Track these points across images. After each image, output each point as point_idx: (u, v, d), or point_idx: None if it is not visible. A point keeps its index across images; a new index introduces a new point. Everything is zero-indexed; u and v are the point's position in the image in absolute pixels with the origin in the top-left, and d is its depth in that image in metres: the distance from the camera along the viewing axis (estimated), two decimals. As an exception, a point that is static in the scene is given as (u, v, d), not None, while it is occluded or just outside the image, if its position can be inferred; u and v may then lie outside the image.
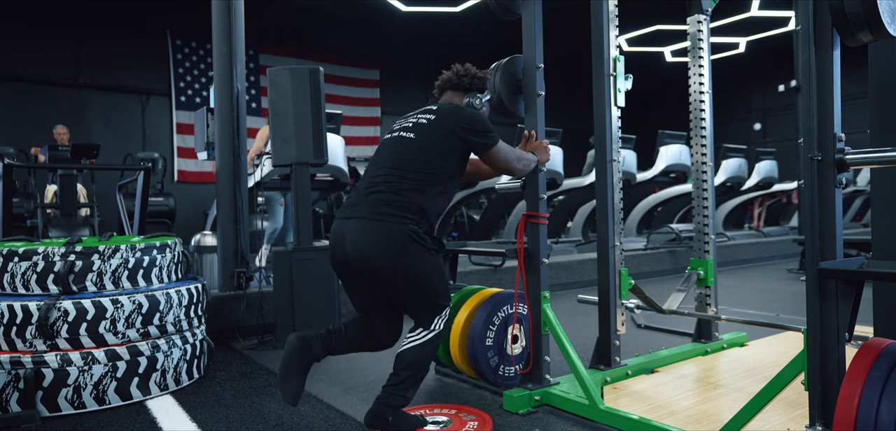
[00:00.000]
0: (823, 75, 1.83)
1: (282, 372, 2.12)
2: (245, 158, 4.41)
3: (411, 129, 2.32)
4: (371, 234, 2.13)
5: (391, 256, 2.13)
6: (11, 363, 2.54)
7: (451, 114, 2.33)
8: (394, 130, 2.39)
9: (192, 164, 10.92)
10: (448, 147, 2.28)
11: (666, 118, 13.52)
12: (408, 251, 2.13)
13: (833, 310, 1.78)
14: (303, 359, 2.14)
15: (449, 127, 2.29)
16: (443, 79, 2.53)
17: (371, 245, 2.13)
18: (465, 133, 2.29)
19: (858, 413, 1.61)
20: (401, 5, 9.91)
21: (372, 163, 2.35)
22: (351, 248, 2.16)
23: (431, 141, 2.27)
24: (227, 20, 4.31)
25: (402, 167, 2.23)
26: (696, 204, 3.26)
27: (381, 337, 2.35)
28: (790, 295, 5.39)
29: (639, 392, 2.64)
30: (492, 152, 2.36)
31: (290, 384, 2.11)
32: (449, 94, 2.52)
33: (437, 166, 2.25)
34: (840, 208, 1.85)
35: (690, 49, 3.22)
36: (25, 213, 6.92)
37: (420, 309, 2.23)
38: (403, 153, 2.27)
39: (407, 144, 2.28)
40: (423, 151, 2.25)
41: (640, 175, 7.61)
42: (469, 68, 2.52)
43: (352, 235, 2.16)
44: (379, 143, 2.38)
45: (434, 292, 2.22)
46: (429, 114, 2.34)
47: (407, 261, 2.14)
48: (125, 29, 10.45)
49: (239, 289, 4.17)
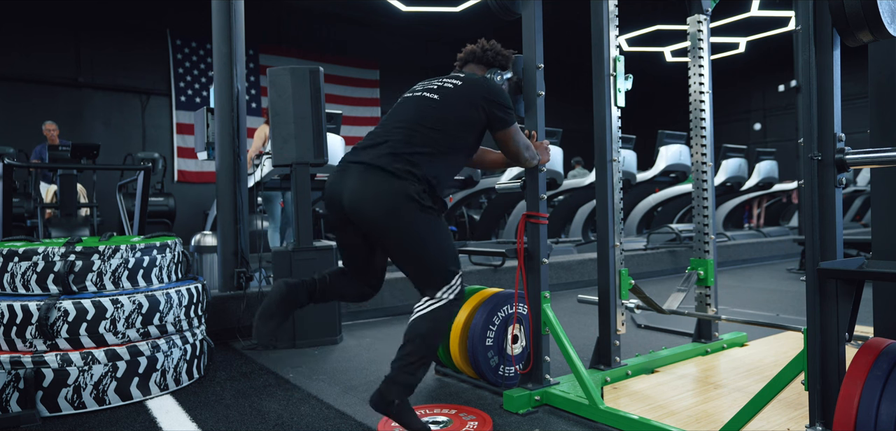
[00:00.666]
0: (823, 75, 1.83)
1: (262, 313, 2.11)
2: (245, 158, 4.41)
3: (436, 91, 2.26)
4: (369, 184, 2.06)
5: (386, 209, 2.04)
6: (11, 363, 2.54)
7: (477, 84, 2.29)
8: (415, 90, 2.34)
9: (192, 164, 10.92)
10: (470, 116, 2.24)
11: (666, 118, 13.54)
12: (404, 207, 2.04)
13: (833, 310, 1.78)
14: (287, 304, 2.15)
15: (474, 95, 2.25)
16: (466, 52, 2.52)
17: (368, 194, 2.05)
18: (488, 105, 2.25)
19: (858, 413, 1.61)
20: (401, 5, 9.92)
21: (389, 116, 2.28)
22: (347, 196, 2.09)
23: (455, 106, 2.23)
24: (227, 20, 4.32)
25: (421, 124, 2.17)
26: (696, 204, 3.26)
27: (364, 290, 2.34)
28: (790, 295, 5.40)
29: (639, 392, 2.64)
30: (508, 131, 2.32)
31: (267, 325, 2.11)
32: (472, 66, 2.50)
33: (456, 133, 2.21)
34: (840, 208, 1.85)
35: (690, 49, 3.22)
36: (25, 213, 6.92)
37: (422, 274, 2.13)
38: (425, 112, 2.21)
39: (430, 104, 2.23)
40: (445, 114, 2.20)
41: (640, 175, 7.61)
42: (494, 44, 2.51)
43: (350, 182, 2.10)
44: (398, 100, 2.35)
45: (435, 255, 2.10)
46: (455, 80, 2.30)
47: (402, 217, 2.04)
48: (125, 29, 10.46)
49: (239, 289, 4.17)
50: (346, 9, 11.96)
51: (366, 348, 3.69)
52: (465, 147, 2.27)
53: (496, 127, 2.31)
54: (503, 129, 2.32)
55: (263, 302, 2.16)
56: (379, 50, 12.97)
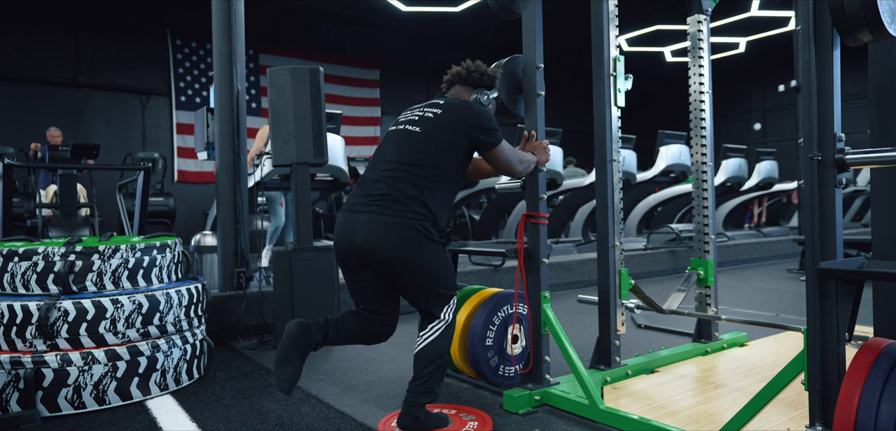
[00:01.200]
0: (823, 75, 1.83)
1: (279, 358, 2.11)
2: (245, 158, 4.41)
3: (417, 123, 2.31)
4: (380, 229, 2.15)
5: (400, 249, 2.15)
6: (11, 363, 2.54)
7: (457, 110, 2.32)
8: (399, 123, 2.38)
9: (192, 164, 10.92)
10: (453, 142, 2.27)
11: (666, 118, 13.54)
12: (416, 244, 2.16)
13: (833, 310, 1.78)
14: (301, 346, 2.14)
15: (455, 122, 2.28)
16: (452, 74, 2.54)
17: (380, 238, 2.15)
18: (470, 129, 2.29)
19: (858, 413, 1.61)
20: (401, 5, 9.91)
21: (377, 156, 2.34)
22: (361, 240, 2.17)
23: (436, 135, 2.26)
24: (227, 20, 4.31)
25: (407, 161, 2.23)
26: (696, 204, 3.26)
27: (378, 330, 2.35)
28: (790, 295, 5.39)
29: (639, 392, 2.64)
30: (495, 152, 2.35)
31: (286, 370, 2.10)
32: (457, 89, 2.52)
33: (442, 161, 2.25)
34: (840, 208, 1.85)
35: (690, 49, 3.22)
36: (25, 213, 6.92)
37: (429, 301, 2.24)
38: (408, 147, 2.26)
39: (412, 138, 2.28)
40: (428, 145, 2.25)
41: (640, 175, 7.61)
42: (479, 65, 2.53)
43: (361, 229, 2.17)
44: (385, 135, 2.45)
45: (440, 283, 2.24)
46: (435, 108, 2.33)
47: (415, 254, 2.17)
48: (125, 29, 10.45)
49: (239, 289, 4.17)
50: (346, 9, 11.96)
51: (366, 348, 3.69)
52: (454, 171, 2.31)
53: (483, 149, 2.35)
54: (490, 150, 2.35)
55: (278, 348, 2.14)
56: (379, 50, 12.96)
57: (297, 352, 2.13)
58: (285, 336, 2.15)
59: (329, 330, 2.24)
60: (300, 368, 2.14)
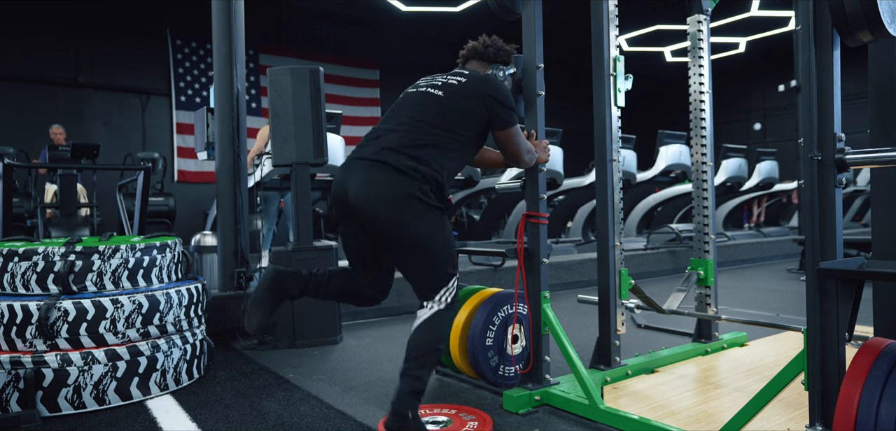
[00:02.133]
0: (823, 75, 1.83)
1: (252, 300, 2.11)
2: (245, 158, 4.41)
3: (440, 88, 2.26)
4: (375, 180, 2.05)
5: (392, 207, 2.03)
6: (11, 363, 2.54)
7: (482, 80, 2.29)
8: (419, 86, 2.33)
9: (192, 164, 10.92)
10: (473, 111, 2.23)
11: (666, 118, 13.54)
12: (411, 207, 2.04)
13: (833, 310, 1.78)
14: (275, 292, 2.14)
15: (478, 91, 2.25)
16: (469, 48, 2.52)
17: (373, 191, 2.05)
18: (491, 102, 2.24)
19: (858, 413, 1.61)
20: (401, 5, 9.92)
21: (393, 111, 2.28)
22: (353, 191, 2.08)
23: (459, 101, 2.22)
24: (227, 20, 4.32)
25: (426, 120, 2.17)
26: (696, 204, 3.26)
27: (365, 292, 2.29)
28: (790, 295, 5.39)
29: (639, 391, 2.64)
30: (509, 132, 2.32)
31: (256, 313, 2.10)
32: (474, 63, 2.50)
33: (461, 129, 2.20)
34: (840, 208, 1.84)
35: (690, 49, 3.22)
36: (25, 213, 6.92)
37: (422, 276, 2.12)
38: (430, 108, 2.21)
39: (435, 100, 2.23)
40: (451, 110, 2.20)
41: (640, 175, 7.62)
42: (495, 40, 2.51)
43: (356, 176, 2.09)
44: (401, 96, 2.35)
45: (437, 256, 2.10)
46: (460, 77, 2.30)
47: (409, 218, 2.04)
48: (125, 29, 10.46)
49: (239, 289, 4.17)
50: (346, 9, 11.96)
51: (366, 348, 3.69)
52: (468, 143, 2.25)
53: (498, 126, 2.30)
54: (505, 129, 2.31)
55: (254, 293, 2.15)
56: (379, 50, 12.97)
57: (271, 297, 2.12)
58: (262, 279, 2.16)
59: (310, 283, 2.21)
60: (270, 314, 2.14)
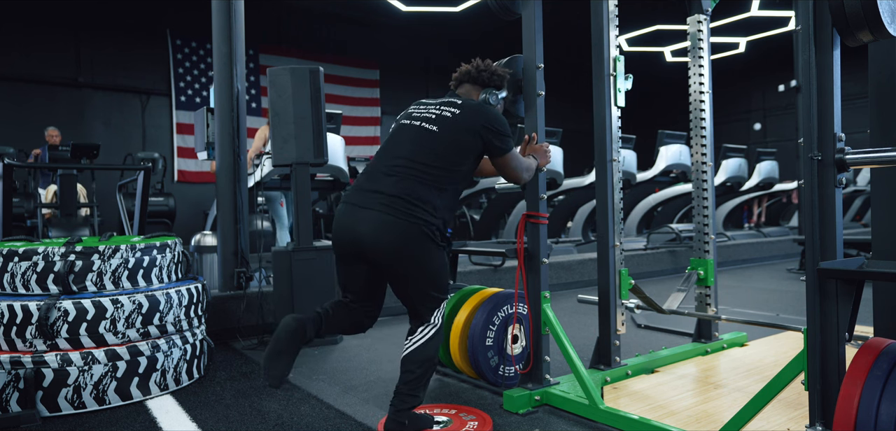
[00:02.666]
0: (823, 75, 1.83)
1: (272, 351, 2.11)
2: (245, 158, 4.41)
3: (434, 122, 2.26)
4: (386, 227, 2.10)
5: (405, 249, 2.12)
6: (11, 363, 2.54)
7: (476, 111, 2.29)
8: (413, 118, 2.33)
9: (192, 164, 10.92)
10: (469, 144, 2.25)
11: (666, 118, 13.54)
12: (421, 245, 2.13)
13: (833, 310, 1.78)
14: (296, 341, 2.15)
15: (472, 124, 2.25)
16: (461, 72, 2.53)
17: (386, 236, 2.11)
18: (486, 133, 2.26)
19: (858, 413, 1.61)
20: (401, 5, 9.91)
21: (388, 149, 2.29)
22: (366, 236, 2.13)
23: (454, 136, 2.23)
24: (227, 20, 4.31)
25: (421, 160, 2.19)
26: (696, 204, 3.26)
27: (362, 321, 2.37)
28: (790, 295, 5.40)
29: (639, 391, 2.64)
30: (506, 158, 2.34)
31: (278, 364, 2.10)
32: (467, 87, 2.51)
33: (456, 163, 2.23)
34: (840, 208, 1.84)
35: (690, 49, 3.22)
36: (25, 213, 6.92)
37: (422, 303, 2.21)
38: (425, 146, 2.22)
39: (428, 136, 2.24)
40: (445, 146, 2.21)
41: (640, 175, 7.61)
42: (488, 64, 2.51)
43: (367, 224, 2.13)
44: (395, 128, 2.39)
45: (436, 286, 2.22)
46: (453, 108, 2.30)
47: (419, 255, 2.14)
48: (125, 29, 10.46)
49: (239, 289, 4.17)
50: (346, 9, 11.96)
51: (366, 348, 3.69)
52: (464, 174, 2.30)
53: (494, 154, 2.33)
54: (501, 156, 2.34)
55: (272, 341, 2.13)
56: (379, 50, 12.97)
57: (292, 347, 2.14)
58: (281, 330, 2.14)
59: (322, 323, 2.25)
60: (291, 363, 2.14)
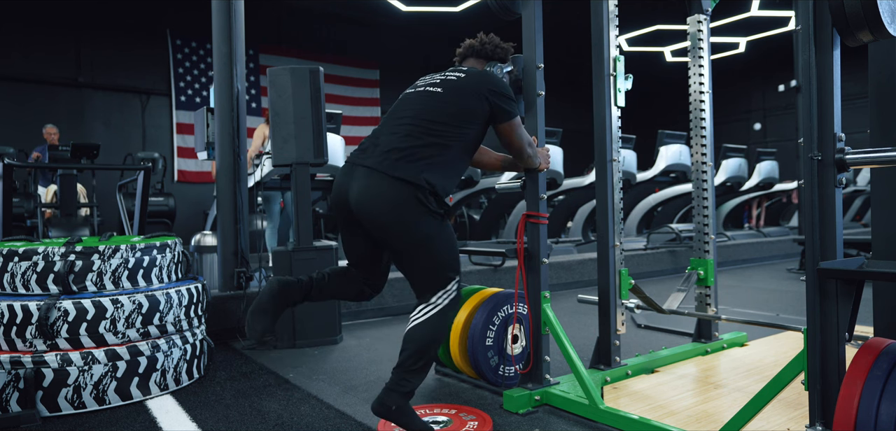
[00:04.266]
0: (823, 75, 1.83)
1: (254, 309, 2.12)
2: (245, 158, 4.41)
3: (439, 85, 2.25)
4: (376, 187, 2.05)
5: (394, 213, 2.04)
6: (11, 363, 2.54)
7: (481, 76, 2.29)
8: (418, 86, 2.32)
9: (192, 164, 10.92)
10: (474, 108, 2.22)
11: (666, 118, 13.54)
12: (412, 211, 2.04)
13: (833, 310, 1.78)
14: (279, 302, 2.15)
15: (478, 87, 2.24)
16: (466, 46, 2.52)
17: (374, 198, 2.05)
18: (492, 96, 2.24)
19: (858, 413, 1.61)
20: (401, 5, 9.92)
21: (393, 113, 2.26)
22: (354, 198, 2.09)
23: (459, 97, 2.21)
24: (227, 20, 4.31)
25: (427, 119, 2.15)
26: (696, 204, 3.26)
27: (363, 290, 2.33)
28: (790, 295, 5.39)
29: (639, 391, 2.64)
30: (512, 123, 2.30)
31: (258, 321, 2.12)
32: (472, 61, 2.50)
33: (463, 125, 2.19)
34: (840, 208, 1.84)
35: (690, 49, 3.22)
36: (25, 213, 6.92)
37: (421, 279, 2.13)
38: (430, 105, 2.19)
39: (435, 99, 2.21)
40: (450, 106, 2.19)
41: (640, 175, 7.62)
42: (493, 37, 2.51)
43: (357, 183, 2.09)
44: (400, 97, 2.34)
45: (437, 261, 2.10)
46: (459, 73, 2.29)
47: (410, 222, 2.05)
48: (125, 29, 10.45)
49: (239, 289, 4.17)
50: (346, 9, 11.96)
51: (366, 348, 3.69)
52: (468, 140, 2.23)
53: (500, 118, 2.28)
54: (507, 121, 2.29)
55: (256, 298, 2.16)
56: (379, 50, 12.96)
57: (274, 307, 2.14)
58: (264, 289, 2.16)
59: (312, 288, 2.23)
60: (273, 322, 2.15)
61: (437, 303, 2.10)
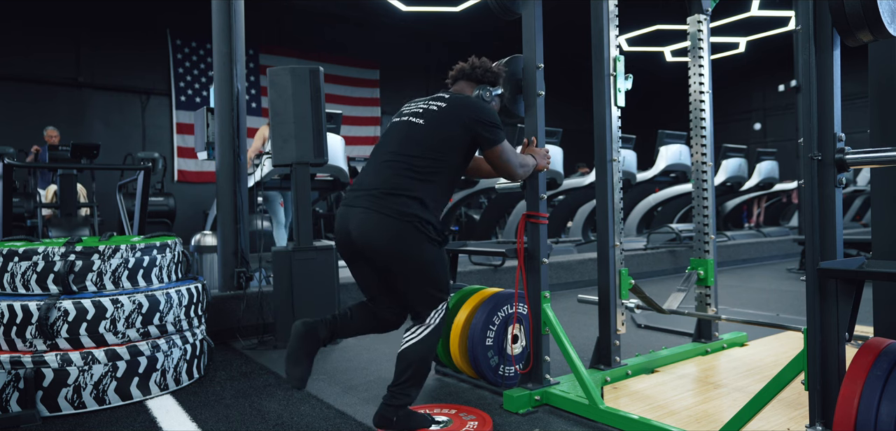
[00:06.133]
0: (823, 75, 1.83)
1: (289, 359, 2.16)
2: (245, 158, 4.41)
3: (421, 115, 2.30)
4: (373, 222, 2.14)
5: (393, 243, 2.14)
6: (11, 363, 2.54)
7: (461, 104, 2.32)
8: (402, 114, 2.37)
9: (192, 164, 10.92)
10: (455, 136, 2.26)
11: (666, 118, 13.54)
12: (408, 239, 2.14)
13: (833, 310, 1.78)
14: (309, 345, 2.18)
15: (459, 116, 2.28)
16: (456, 70, 2.55)
17: (374, 232, 2.14)
18: (473, 125, 2.27)
19: (858, 413, 1.61)
20: (401, 5, 9.91)
21: (379, 147, 2.34)
22: (356, 233, 2.18)
23: (439, 129, 2.26)
24: (227, 20, 4.31)
25: (406, 153, 2.22)
26: (696, 204, 3.26)
27: (387, 319, 2.38)
28: (790, 295, 5.39)
29: (639, 391, 2.64)
30: (496, 149, 2.34)
31: (296, 369, 2.15)
32: (462, 84, 2.52)
33: (442, 155, 2.24)
34: (840, 208, 1.84)
35: (690, 49, 3.22)
36: (25, 213, 6.92)
37: (417, 299, 2.22)
38: (411, 138, 2.25)
39: (414, 129, 2.27)
40: (430, 138, 2.24)
41: (640, 175, 7.61)
42: (484, 61, 2.53)
43: (356, 221, 2.18)
44: (387, 127, 2.43)
45: (433, 283, 2.21)
46: (440, 102, 2.33)
47: (407, 249, 2.15)
48: (125, 29, 10.46)
49: (239, 289, 4.17)
50: (346, 9, 11.96)
51: (366, 348, 3.69)
52: (456, 166, 2.31)
53: (484, 146, 2.34)
54: (491, 148, 2.34)
55: (287, 350, 2.19)
56: (379, 50, 12.96)
57: (305, 352, 2.17)
58: (292, 337, 2.18)
59: (336, 325, 2.28)
60: (310, 365, 2.19)
61: (430, 323, 2.23)
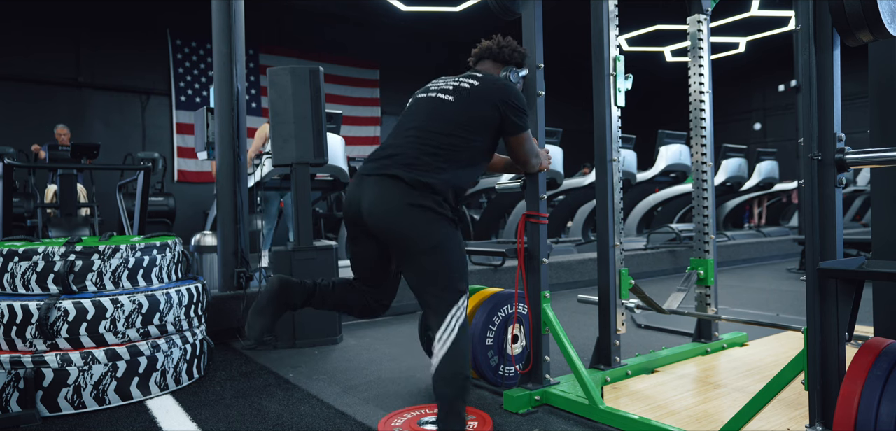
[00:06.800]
0: (823, 75, 1.83)
1: (254, 308, 2.10)
2: (245, 158, 4.41)
3: (451, 93, 2.17)
4: (389, 194, 1.99)
5: (407, 219, 1.96)
6: (11, 363, 2.54)
7: (495, 85, 2.20)
8: (430, 90, 2.24)
9: (192, 164, 10.92)
10: (486, 117, 2.15)
11: (666, 118, 13.54)
12: (425, 216, 1.96)
13: (833, 310, 1.78)
14: (279, 302, 2.13)
15: (491, 97, 2.16)
16: (482, 48, 2.43)
17: (388, 205, 1.98)
18: (505, 108, 2.16)
19: (858, 413, 1.61)
20: (401, 5, 9.91)
21: (403, 122, 2.20)
22: (367, 207, 2.02)
23: (471, 107, 2.13)
24: (227, 20, 4.31)
25: (436, 130, 2.09)
26: (696, 204, 3.26)
27: (370, 305, 2.26)
28: (790, 295, 5.39)
29: (639, 391, 2.64)
30: (521, 137, 2.25)
31: (257, 320, 2.09)
32: (486, 64, 2.41)
33: (471, 135, 2.12)
34: (840, 208, 1.84)
35: (690, 49, 3.22)
36: (25, 213, 6.92)
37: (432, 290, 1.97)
38: (439, 115, 2.13)
39: (444, 106, 2.14)
40: (460, 116, 2.11)
41: (640, 175, 7.61)
42: (510, 41, 2.42)
43: (369, 192, 2.02)
44: (411, 102, 2.27)
45: (451, 268, 1.98)
46: (472, 80, 2.21)
47: (422, 226, 1.96)
48: (125, 29, 10.46)
49: (239, 289, 4.17)
50: (346, 9, 11.96)
51: (366, 348, 3.69)
52: (481, 150, 2.17)
53: (510, 131, 2.22)
54: (517, 134, 2.24)
55: (257, 297, 2.15)
56: (379, 50, 12.96)
57: (274, 308, 2.11)
58: (266, 288, 2.14)
59: (314, 294, 2.19)
60: (273, 324, 2.12)
61: (452, 328, 1.94)
